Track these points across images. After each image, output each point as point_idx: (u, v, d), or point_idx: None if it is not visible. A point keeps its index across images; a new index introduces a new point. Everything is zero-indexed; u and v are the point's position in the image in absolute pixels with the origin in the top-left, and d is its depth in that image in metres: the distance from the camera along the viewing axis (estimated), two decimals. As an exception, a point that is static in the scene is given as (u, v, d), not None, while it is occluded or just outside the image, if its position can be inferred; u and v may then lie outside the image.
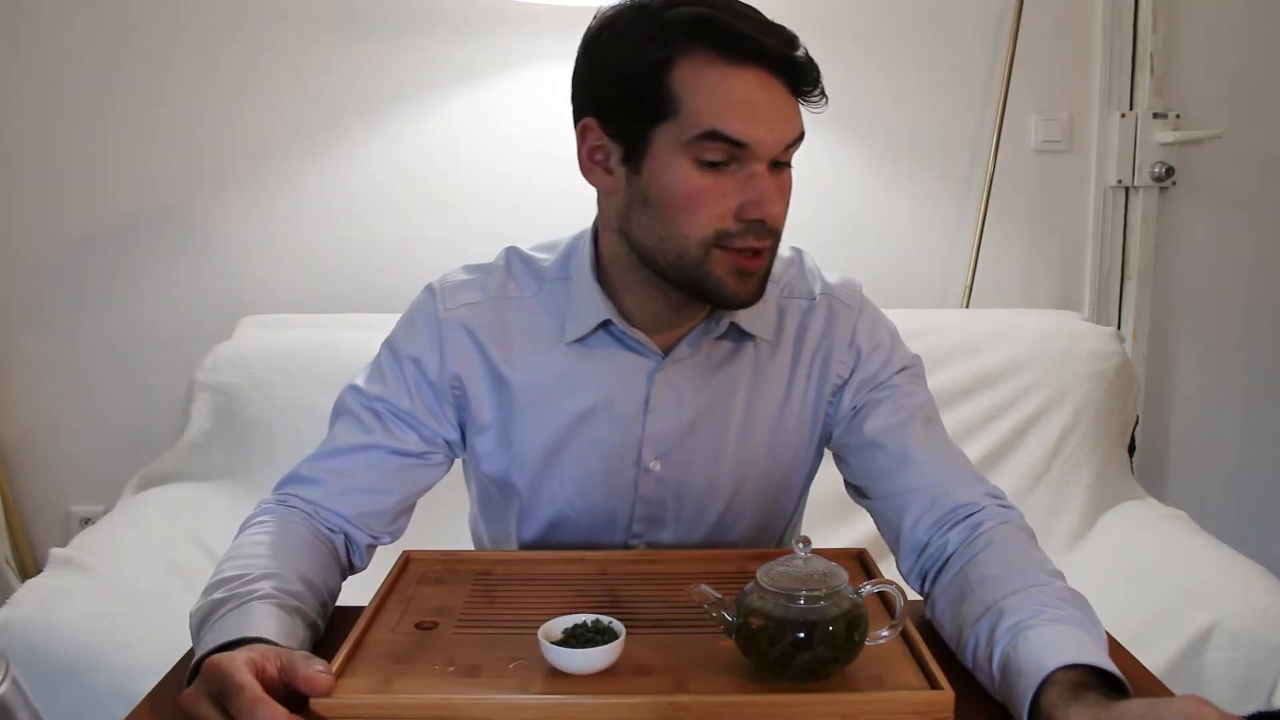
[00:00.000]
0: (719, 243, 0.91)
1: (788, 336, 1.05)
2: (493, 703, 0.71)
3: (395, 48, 1.97)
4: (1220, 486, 2.22)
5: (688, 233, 0.91)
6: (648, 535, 1.07)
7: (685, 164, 0.90)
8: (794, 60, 0.89)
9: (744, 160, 0.90)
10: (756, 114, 0.88)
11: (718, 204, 0.90)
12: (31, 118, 1.97)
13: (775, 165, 0.92)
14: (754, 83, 0.88)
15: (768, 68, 0.88)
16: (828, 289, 1.07)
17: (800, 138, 0.92)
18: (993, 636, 0.79)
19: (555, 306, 1.02)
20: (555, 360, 1.02)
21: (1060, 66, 2.05)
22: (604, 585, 0.92)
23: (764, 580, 0.75)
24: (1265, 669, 1.31)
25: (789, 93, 0.90)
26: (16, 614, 1.31)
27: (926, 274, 2.10)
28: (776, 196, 0.91)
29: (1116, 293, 2.13)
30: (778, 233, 0.94)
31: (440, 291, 1.05)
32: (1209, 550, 1.54)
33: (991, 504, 0.95)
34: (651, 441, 1.03)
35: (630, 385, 1.02)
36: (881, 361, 1.05)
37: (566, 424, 1.03)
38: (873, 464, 1.02)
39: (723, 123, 0.88)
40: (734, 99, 0.88)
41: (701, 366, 1.03)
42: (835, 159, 2.04)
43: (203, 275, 2.03)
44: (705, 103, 0.88)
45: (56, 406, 2.07)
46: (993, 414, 1.82)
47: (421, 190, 2.01)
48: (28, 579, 1.48)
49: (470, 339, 1.02)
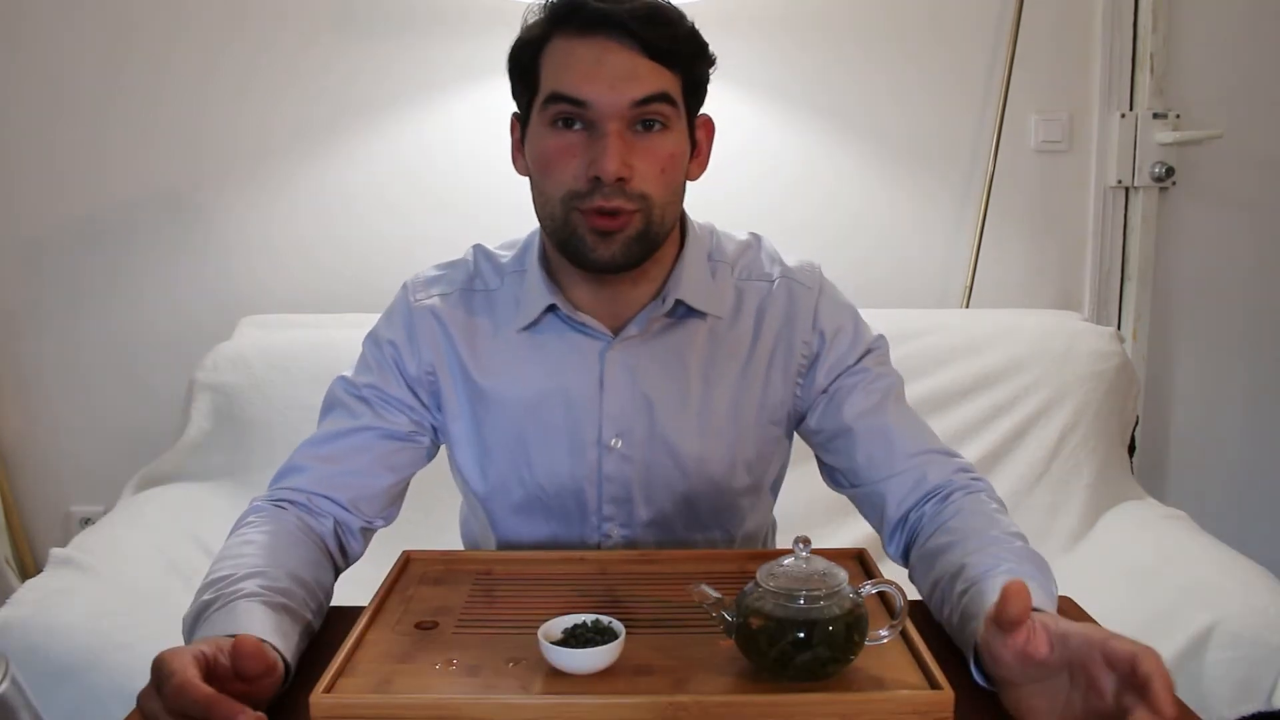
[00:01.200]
0: (574, 203, 0.96)
1: (747, 316, 1.08)
2: (493, 703, 0.71)
3: (395, 48, 1.97)
4: (1220, 486, 2.22)
5: (549, 193, 0.99)
6: (619, 517, 1.09)
7: (543, 128, 0.98)
8: (641, 24, 0.93)
9: (592, 121, 0.95)
10: (594, 73, 0.94)
11: (569, 163, 0.96)
12: (32, 117, 1.98)
13: (643, 126, 0.96)
14: (599, 47, 0.94)
15: (613, 32, 0.94)
16: (786, 272, 1.10)
17: (659, 96, 0.95)
18: (953, 588, 0.86)
19: (512, 298, 1.08)
20: (513, 349, 1.07)
21: (1060, 66, 2.05)
22: (604, 585, 0.92)
23: (764, 580, 0.75)
24: (1265, 669, 1.31)
25: (642, 54, 0.94)
26: (16, 614, 1.31)
27: (926, 274, 2.10)
28: (619, 155, 0.93)
29: (1116, 293, 2.13)
30: (640, 195, 0.96)
31: (411, 285, 1.11)
32: (1209, 550, 1.54)
33: (962, 478, 1.02)
34: (610, 420, 1.06)
35: (583, 366, 1.06)
36: (847, 344, 1.08)
37: (528, 408, 1.06)
38: (853, 452, 1.06)
39: (562, 84, 0.95)
40: (574, 62, 0.95)
41: (653, 344, 1.06)
42: (835, 159, 2.04)
43: (203, 275, 2.03)
44: (552, 70, 0.97)
45: (56, 406, 2.07)
46: (993, 414, 1.82)
47: (421, 190, 2.01)
48: (28, 579, 1.48)
49: (439, 326, 1.08)
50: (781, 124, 2.02)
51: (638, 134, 0.95)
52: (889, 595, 0.79)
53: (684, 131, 1.00)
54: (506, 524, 1.12)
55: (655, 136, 0.96)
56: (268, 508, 0.99)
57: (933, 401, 1.80)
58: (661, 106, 0.95)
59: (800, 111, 2.02)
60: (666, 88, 0.96)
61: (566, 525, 1.10)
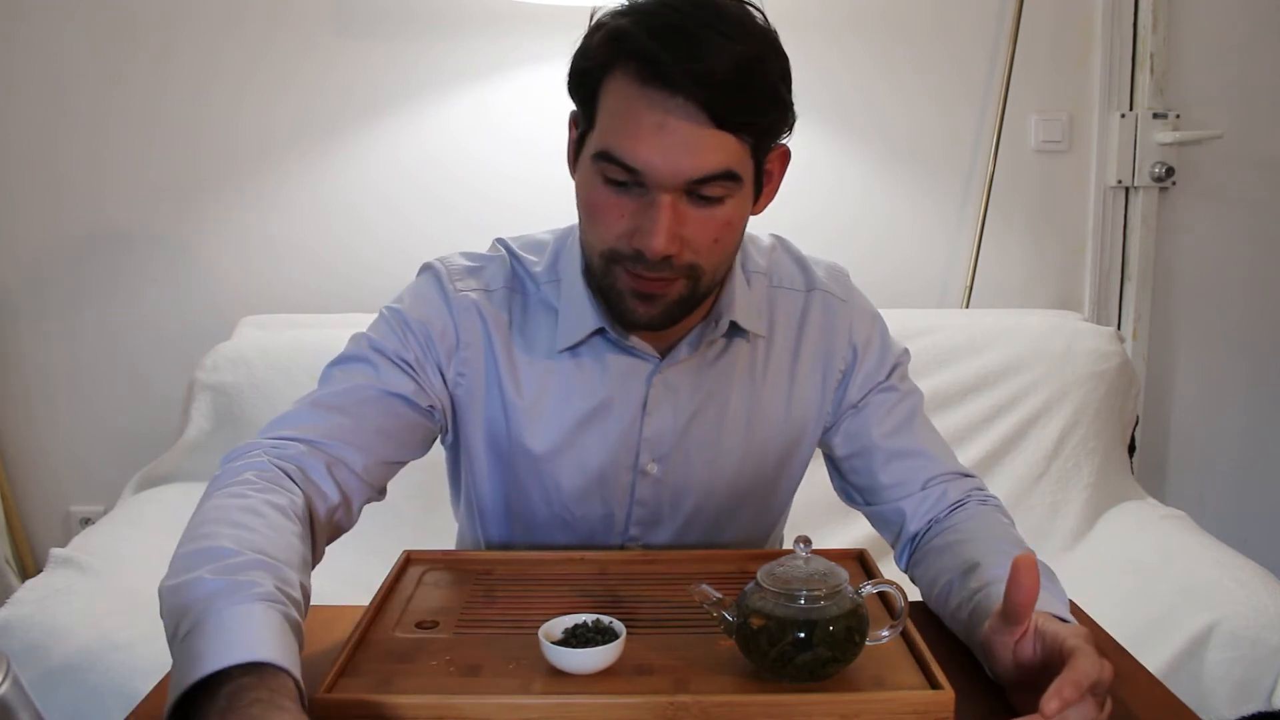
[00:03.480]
0: (615, 260, 0.89)
1: (784, 330, 1.04)
2: (493, 703, 0.71)
3: (395, 48, 1.97)
4: (1220, 486, 2.22)
5: (592, 241, 0.91)
6: (644, 538, 1.07)
7: (594, 177, 0.88)
8: (714, 91, 0.82)
9: (646, 186, 0.85)
10: (652, 141, 0.83)
11: (614, 223, 0.88)
12: (31, 118, 1.97)
13: (699, 199, 0.86)
14: (661, 108, 0.82)
15: (680, 93, 0.82)
16: (819, 283, 1.06)
17: (723, 175, 0.85)
18: (966, 584, 0.86)
19: (549, 310, 1.00)
20: (551, 366, 1.00)
21: (1060, 66, 2.05)
22: (604, 585, 0.92)
23: (764, 580, 0.75)
24: (1265, 669, 1.31)
25: (709, 123, 0.83)
26: (16, 614, 1.31)
27: (926, 274, 2.10)
28: (668, 230, 0.85)
29: (1116, 293, 2.13)
30: (689, 266, 0.88)
31: (445, 271, 1.01)
32: (1209, 550, 1.53)
33: (977, 494, 1.02)
34: (649, 444, 1.02)
35: (628, 389, 1.00)
36: (876, 359, 1.06)
37: (564, 430, 1.01)
38: (875, 471, 1.04)
39: (616, 145, 0.85)
40: (632, 122, 0.84)
41: (697, 366, 1.01)
42: (835, 159, 2.04)
43: (203, 275, 2.03)
44: (609, 120, 0.86)
45: (56, 406, 2.07)
46: (993, 414, 1.82)
47: (421, 190, 2.01)
48: (28, 579, 1.48)
49: (481, 323, 0.99)
50: (781, 124, 2.02)
51: (693, 203, 0.86)
52: (889, 595, 0.79)
53: (749, 189, 0.90)
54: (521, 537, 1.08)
55: (713, 207, 0.87)
56: (272, 471, 0.85)
57: (933, 401, 1.80)
58: (721, 185, 0.86)
59: (800, 111, 2.01)
60: (731, 164, 0.85)
61: (589, 541, 1.06)
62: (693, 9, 0.83)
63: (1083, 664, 0.68)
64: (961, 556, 0.90)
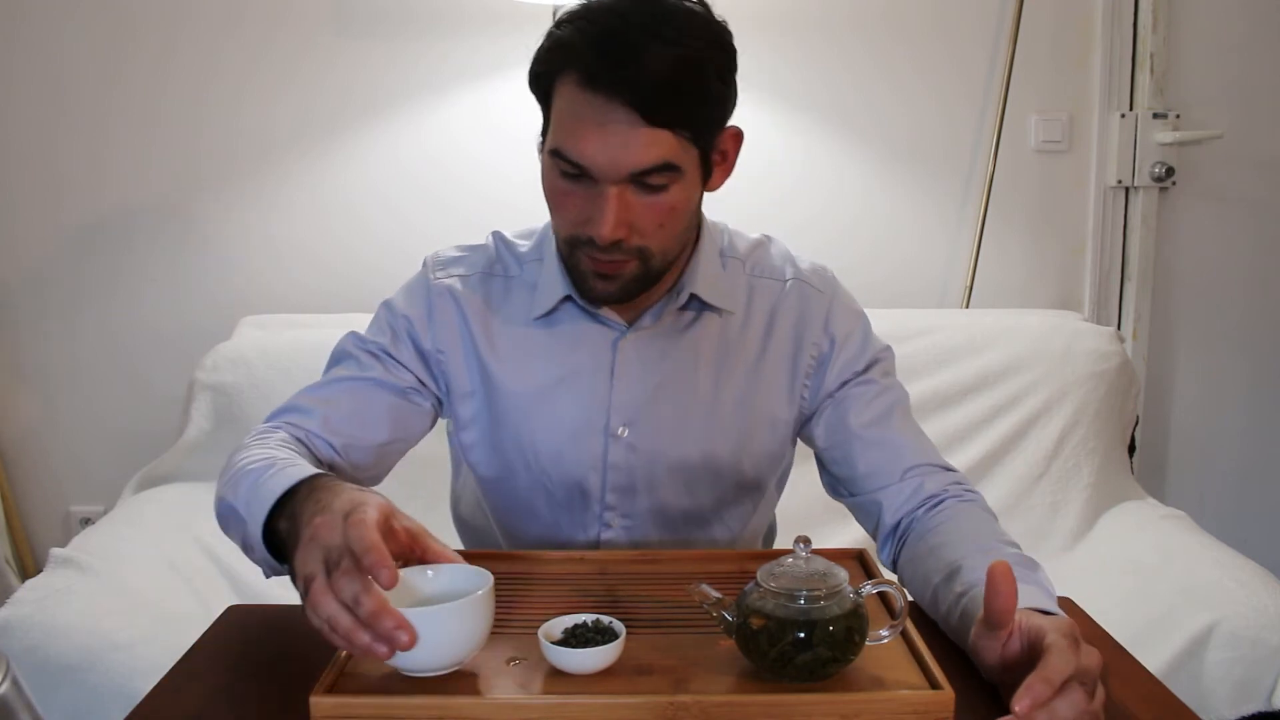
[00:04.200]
0: (574, 244, 0.98)
1: (759, 314, 1.09)
2: (493, 703, 0.71)
3: (395, 48, 1.97)
4: (1220, 486, 2.22)
5: (556, 227, 1.01)
6: (622, 507, 1.09)
7: (551, 169, 0.96)
8: (647, 93, 0.89)
9: (594, 179, 0.93)
10: (594, 138, 0.91)
11: (569, 211, 0.96)
12: (31, 117, 1.98)
13: (644, 187, 0.93)
14: (602, 109, 0.90)
15: (612, 95, 0.89)
16: (799, 274, 1.11)
17: (661, 167, 0.92)
18: (950, 589, 0.88)
19: (529, 286, 1.09)
20: (527, 336, 1.08)
21: (1060, 66, 2.05)
22: (604, 585, 0.92)
23: (764, 580, 0.75)
24: (1265, 669, 1.31)
25: (643, 122, 0.90)
26: (16, 614, 1.31)
27: (926, 274, 2.10)
28: (614, 218, 0.92)
29: (1116, 293, 2.13)
30: (638, 249, 0.96)
31: (432, 263, 1.12)
32: (1209, 550, 1.53)
33: (956, 489, 1.03)
34: (618, 409, 1.07)
35: (596, 355, 1.07)
36: (856, 350, 1.10)
37: (538, 394, 1.07)
38: (854, 461, 1.07)
39: (564, 143, 0.93)
40: (576, 122, 0.92)
41: (665, 335, 1.07)
42: (835, 159, 2.04)
43: (203, 275, 2.03)
44: (559, 121, 0.94)
45: (56, 406, 2.07)
46: (993, 414, 1.82)
47: (421, 190, 2.01)
48: (28, 579, 1.48)
49: (455, 307, 1.08)
50: (781, 124, 2.02)
51: (638, 191, 0.93)
52: (889, 595, 0.79)
53: (694, 174, 0.97)
54: (508, 510, 1.13)
55: (657, 195, 0.94)
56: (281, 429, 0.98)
57: (933, 401, 1.80)
58: (662, 175, 0.93)
59: (800, 111, 2.02)
60: (669, 156, 0.92)
61: (569, 514, 1.10)
62: (635, 14, 0.90)
63: (1055, 660, 0.69)
64: (944, 560, 0.92)
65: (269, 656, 0.86)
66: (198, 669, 0.83)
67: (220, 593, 1.51)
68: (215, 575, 1.55)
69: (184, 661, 0.84)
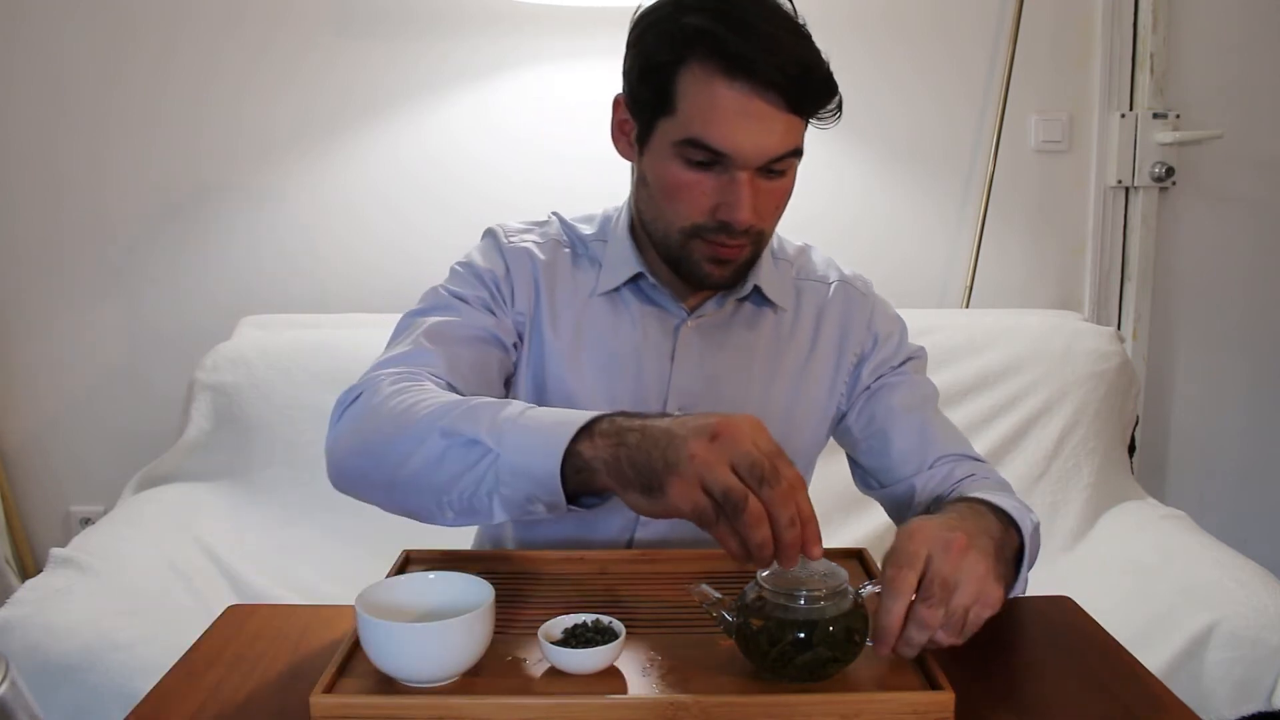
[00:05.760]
0: (696, 234, 0.99)
1: (807, 314, 1.13)
2: (492, 703, 0.71)
3: (395, 48, 1.97)
4: (1220, 486, 2.22)
5: (670, 219, 1.01)
6: None
7: (674, 160, 0.97)
8: (790, 81, 0.92)
9: (726, 165, 0.95)
10: (738, 127, 0.93)
11: (698, 200, 0.97)
12: (32, 117, 1.97)
13: (767, 172, 0.96)
14: (744, 98, 0.92)
15: (761, 84, 0.92)
16: (843, 278, 1.16)
17: (793, 153, 0.96)
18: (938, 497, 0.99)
19: (594, 264, 1.10)
20: (590, 312, 1.09)
21: (1060, 66, 2.05)
22: (604, 585, 0.92)
23: (764, 580, 0.75)
24: (1265, 669, 1.31)
25: (785, 109, 0.93)
26: (16, 614, 1.31)
27: (926, 274, 2.10)
28: (750, 204, 0.95)
29: (1116, 293, 2.13)
30: (758, 232, 1.00)
31: (502, 230, 1.12)
32: (1209, 550, 1.53)
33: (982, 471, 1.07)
34: (676, 392, 1.08)
35: (658, 337, 1.09)
36: (893, 348, 1.14)
37: (596, 371, 1.08)
38: (888, 448, 1.09)
39: (705, 132, 0.94)
40: (719, 111, 0.93)
41: (723, 326, 1.10)
42: (835, 159, 2.04)
43: (203, 275, 2.03)
44: (695, 110, 0.94)
45: (56, 406, 2.07)
46: (993, 414, 1.82)
47: (421, 190, 2.01)
48: (28, 579, 1.48)
49: (531, 264, 1.09)
50: (781, 124, 2.02)
51: (764, 177, 0.97)
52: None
53: None
54: None
55: (779, 180, 0.98)
56: (428, 382, 0.93)
57: (933, 401, 1.80)
58: (793, 160, 0.98)
59: (800, 111, 2.02)
60: (799, 142, 0.97)
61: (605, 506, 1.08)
62: (754, 8, 0.94)
63: (888, 602, 0.74)
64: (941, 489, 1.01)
65: (269, 656, 0.86)
66: (198, 669, 0.83)
67: (220, 593, 1.51)
68: (215, 575, 1.55)
69: (184, 661, 0.84)
